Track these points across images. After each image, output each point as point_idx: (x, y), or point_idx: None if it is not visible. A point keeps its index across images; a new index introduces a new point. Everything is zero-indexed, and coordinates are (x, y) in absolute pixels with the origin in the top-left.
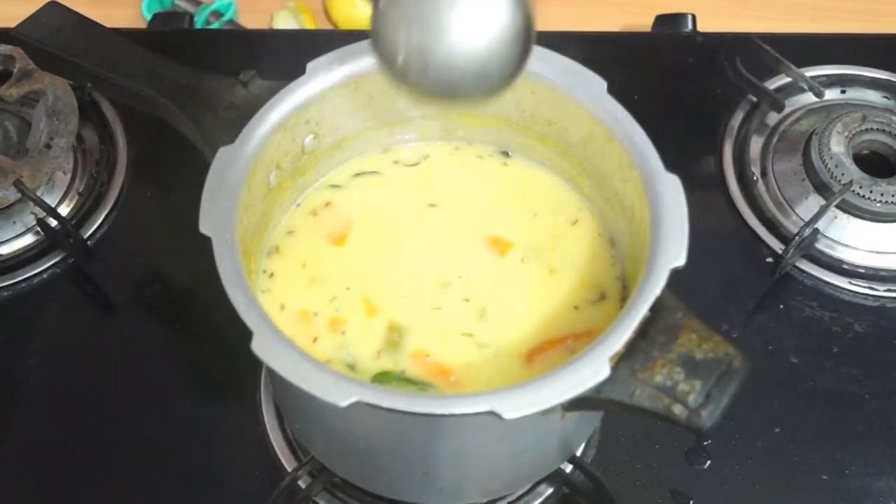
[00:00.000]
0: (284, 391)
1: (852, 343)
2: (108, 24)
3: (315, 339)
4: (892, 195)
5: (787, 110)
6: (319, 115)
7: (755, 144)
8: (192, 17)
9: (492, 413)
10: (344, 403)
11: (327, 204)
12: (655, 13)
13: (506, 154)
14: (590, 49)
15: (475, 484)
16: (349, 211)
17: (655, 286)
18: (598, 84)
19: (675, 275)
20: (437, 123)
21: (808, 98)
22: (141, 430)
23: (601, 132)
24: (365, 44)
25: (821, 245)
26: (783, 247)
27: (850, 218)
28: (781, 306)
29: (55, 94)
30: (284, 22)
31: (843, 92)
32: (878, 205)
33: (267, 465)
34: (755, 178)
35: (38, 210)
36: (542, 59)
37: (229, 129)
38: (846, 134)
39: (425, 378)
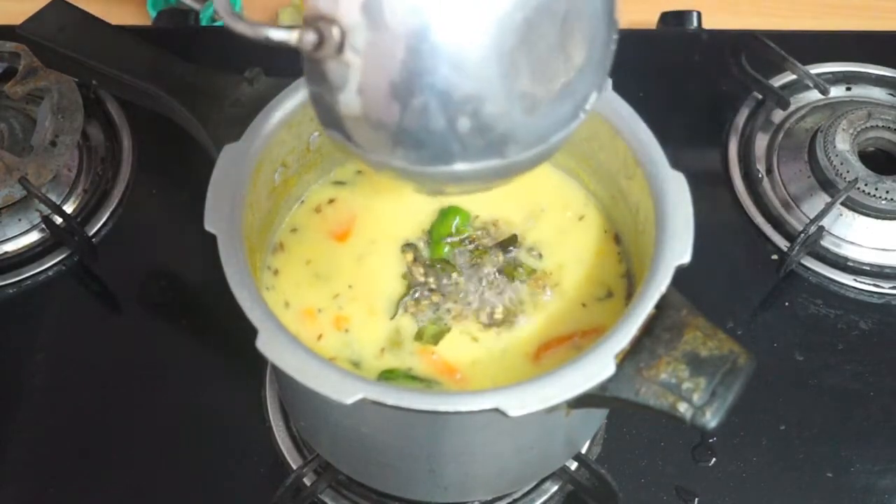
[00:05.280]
0: (290, 389)
1: (857, 340)
2: (113, 21)
3: (320, 337)
4: None
5: (792, 107)
6: None
7: (760, 142)
8: (197, 14)
9: (497, 410)
10: (349, 401)
11: (331, 201)
12: (660, 10)
13: None
14: None
15: (480, 481)
16: (353, 208)
17: (661, 283)
18: None
19: (681, 272)
20: None
21: (814, 95)
22: (145, 427)
23: (606, 129)
24: None
25: (826, 242)
26: (788, 244)
27: (856, 215)
28: (787, 304)
29: (60, 92)
30: (290, 19)
31: (848, 89)
32: (884, 202)
33: (272, 462)
34: (760, 175)
35: (43, 207)
36: None
37: (234, 127)
38: (851, 131)
39: (431, 375)
